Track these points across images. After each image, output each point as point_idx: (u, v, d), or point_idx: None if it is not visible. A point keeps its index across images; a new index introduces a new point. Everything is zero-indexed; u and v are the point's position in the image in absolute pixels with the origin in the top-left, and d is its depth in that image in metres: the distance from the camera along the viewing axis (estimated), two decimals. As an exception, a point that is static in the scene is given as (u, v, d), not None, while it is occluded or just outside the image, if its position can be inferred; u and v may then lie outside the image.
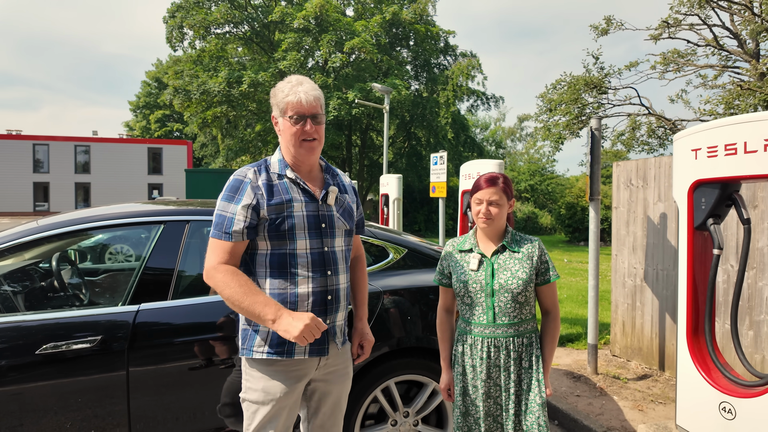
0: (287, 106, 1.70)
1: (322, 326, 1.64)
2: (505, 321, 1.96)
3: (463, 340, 2.05)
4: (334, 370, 1.89)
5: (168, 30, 20.88)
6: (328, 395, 1.90)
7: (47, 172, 34.73)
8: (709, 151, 2.57)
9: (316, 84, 1.79)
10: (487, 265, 1.99)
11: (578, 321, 6.17)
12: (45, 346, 2.08)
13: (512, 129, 43.21)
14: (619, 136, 14.71)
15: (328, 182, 1.85)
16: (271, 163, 1.79)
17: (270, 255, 1.73)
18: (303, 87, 1.72)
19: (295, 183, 1.76)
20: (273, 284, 1.73)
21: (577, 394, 3.84)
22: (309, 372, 1.81)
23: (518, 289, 1.94)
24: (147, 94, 45.55)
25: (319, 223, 1.77)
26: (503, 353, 1.96)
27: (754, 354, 3.52)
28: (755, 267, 3.49)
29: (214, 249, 1.69)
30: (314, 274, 1.75)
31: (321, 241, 1.77)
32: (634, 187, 4.57)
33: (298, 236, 1.72)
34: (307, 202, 1.76)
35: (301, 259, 1.73)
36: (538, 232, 25.58)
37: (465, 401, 2.04)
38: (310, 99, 1.70)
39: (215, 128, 23.50)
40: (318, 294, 1.76)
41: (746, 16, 11.55)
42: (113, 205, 2.83)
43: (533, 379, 1.97)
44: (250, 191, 1.69)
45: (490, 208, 1.95)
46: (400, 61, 23.87)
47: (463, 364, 2.04)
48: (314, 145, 1.74)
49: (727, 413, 2.46)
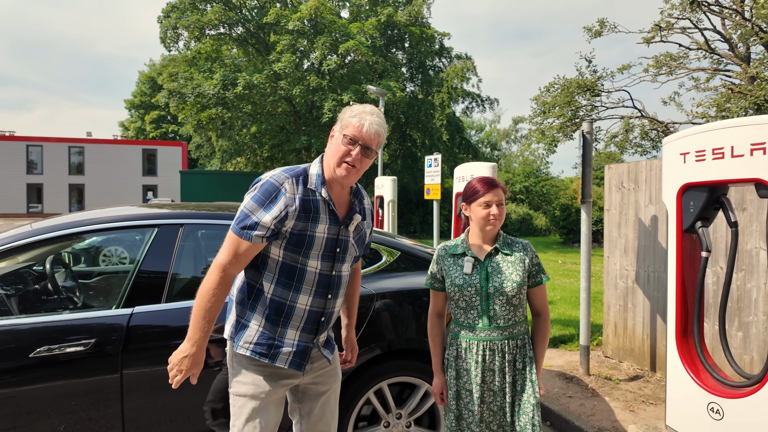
0: (349, 124, 1.72)
1: (184, 380, 1.80)
2: (500, 324, 1.98)
3: (457, 344, 2.06)
4: (324, 372, 1.94)
5: (162, 30, 20.83)
6: (319, 396, 1.94)
7: (41, 174, 34.55)
8: (698, 155, 2.61)
9: (385, 121, 1.80)
10: (481, 268, 2.01)
11: (571, 322, 6.21)
12: (39, 350, 2.09)
13: (507, 131, 43.35)
14: (612, 139, 14.81)
15: (354, 209, 1.86)
16: (310, 175, 1.78)
17: (281, 263, 1.76)
18: (371, 117, 1.74)
19: (326, 203, 1.78)
20: (276, 291, 1.76)
21: (570, 395, 3.87)
22: (295, 376, 1.85)
23: (513, 292, 1.97)
24: (141, 94, 45.40)
25: (334, 248, 1.80)
26: (498, 356, 1.98)
27: (743, 355, 3.57)
28: (744, 269, 3.54)
29: (229, 245, 1.69)
30: (316, 294, 1.80)
31: (332, 264, 1.81)
32: (625, 189, 4.61)
33: (312, 256, 1.76)
34: (330, 225, 1.78)
35: (309, 276, 1.77)
36: (532, 234, 25.67)
37: (459, 405, 2.05)
38: (371, 131, 1.72)
39: (210, 130, 23.45)
40: (314, 314, 1.81)
41: (737, 20, 11.67)
42: (107, 208, 2.83)
43: (527, 380, 2.00)
44: (283, 203, 1.69)
45: (499, 210, 1.99)
46: (395, 63, 23.91)
47: (456, 367, 2.05)
48: (352, 171, 1.73)
49: (715, 413, 2.50)
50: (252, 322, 1.78)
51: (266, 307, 1.78)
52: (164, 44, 21.22)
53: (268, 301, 1.77)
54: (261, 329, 1.77)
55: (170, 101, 20.26)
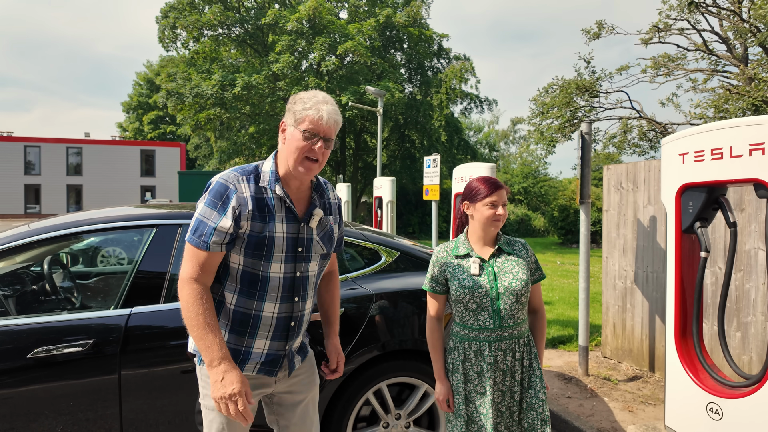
0: (305, 118, 1.61)
1: (246, 405, 1.52)
2: (510, 323, 1.98)
3: (464, 347, 2.01)
4: (298, 380, 1.85)
5: (160, 30, 20.80)
6: (296, 405, 1.85)
7: (39, 174, 34.47)
8: (696, 155, 2.61)
9: (336, 107, 1.71)
10: (488, 268, 2.00)
11: (570, 323, 6.21)
12: (37, 350, 2.08)
13: (505, 132, 43.39)
14: (610, 139, 14.84)
15: (314, 203, 1.75)
16: (262, 172, 1.69)
17: (242, 271, 1.65)
18: (327, 107, 1.64)
19: (282, 201, 1.68)
20: (239, 301, 1.67)
21: (569, 396, 3.87)
22: (267, 384, 1.77)
23: (522, 290, 1.97)
24: (138, 94, 45.34)
25: (296, 247, 1.69)
26: (509, 356, 1.98)
27: (741, 355, 3.57)
28: (743, 269, 3.54)
29: (190, 258, 1.59)
30: (282, 300, 1.69)
31: (294, 266, 1.70)
32: (624, 190, 4.62)
33: (275, 259, 1.65)
34: (288, 223, 1.68)
35: (273, 282, 1.67)
36: (531, 234, 25.68)
37: (469, 408, 2.00)
38: (330, 121, 1.64)
39: (209, 131, 23.43)
40: (282, 320, 1.71)
41: (734, 21, 11.70)
42: (106, 208, 2.83)
43: (534, 376, 2.01)
44: (236, 202, 1.60)
45: (504, 210, 2.00)
46: (393, 64, 23.93)
47: (464, 371, 2.01)
48: (314, 166, 1.65)
49: (714, 414, 2.50)
50: None
51: (229, 319, 1.68)
52: (162, 44, 21.21)
53: (231, 312, 1.67)
54: (227, 341, 1.67)
55: (168, 101, 20.25)
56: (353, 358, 2.51)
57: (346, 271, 2.76)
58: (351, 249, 2.86)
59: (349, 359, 2.49)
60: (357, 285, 2.67)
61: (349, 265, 2.82)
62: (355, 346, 2.52)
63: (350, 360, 2.50)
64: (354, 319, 2.56)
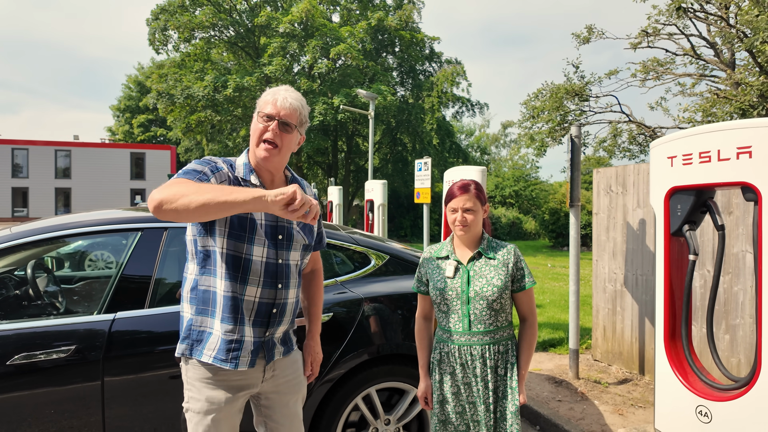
0: (264, 103, 1.69)
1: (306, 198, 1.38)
2: (480, 329, 1.96)
3: (440, 348, 2.05)
4: (285, 381, 1.85)
5: (150, 32, 20.67)
6: (284, 406, 1.85)
7: (26, 177, 34.05)
8: (684, 158, 2.62)
9: (303, 98, 1.75)
10: (463, 272, 1.99)
11: (560, 326, 6.22)
12: (17, 357, 2.03)
13: (496, 135, 43.62)
14: (601, 143, 14.95)
15: None
16: (236, 166, 1.73)
17: (226, 255, 1.66)
18: (285, 93, 1.70)
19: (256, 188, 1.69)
20: (226, 286, 1.67)
21: (559, 399, 3.87)
22: (253, 383, 1.77)
23: (493, 296, 1.94)
24: (128, 97, 44.99)
25: (276, 234, 1.73)
26: (479, 361, 1.96)
27: (730, 357, 3.59)
28: (731, 272, 3.56)
29: (173, 183, 1.46)
30: (264, 285, 1.71)
31: (276, 252, 1.73)
32: (614, 193, 4.64)
33: (256, 242, 1.68)
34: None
35: (255, 266, 1.69)
36: (522, 238, 25.78)
37: (444, 409, 2.03)
38: (285, 104, 1.67)
39: (199, 133, 23.29)
40: (264, 305, 1.72)
41: (722, 26, 11.85)
42: (93, 211, 2.78)
43: (507, 386, 1.98)
44: (219, 176, 1.63)
45: (465, 216, 1.97)
46: (385, 67, 23.98)
47: (440, 371, 2.04)
48: (273, 151, 1.67)
49: (704, 416, 2.50)
50: (214, 328, 1.68)
51: (220, 307, 1.68)
52: (153, 46, 21.07)
53: (222, 299, 1.68)
54: (222, 334, 1.67)
55: (159, 103, 20.11)
56: (342, 363, 2.48)
57: (336, 274, 2.73)
58: (340, 252, 2.83)
59: (337, 364, 2.47)
60: (346, 289, 2.64)
61: (338, 269, 2.79)
62: (343, 351, 2.49)
63: (339, 365, 2.47)
64: (343, 323, 2.53)
